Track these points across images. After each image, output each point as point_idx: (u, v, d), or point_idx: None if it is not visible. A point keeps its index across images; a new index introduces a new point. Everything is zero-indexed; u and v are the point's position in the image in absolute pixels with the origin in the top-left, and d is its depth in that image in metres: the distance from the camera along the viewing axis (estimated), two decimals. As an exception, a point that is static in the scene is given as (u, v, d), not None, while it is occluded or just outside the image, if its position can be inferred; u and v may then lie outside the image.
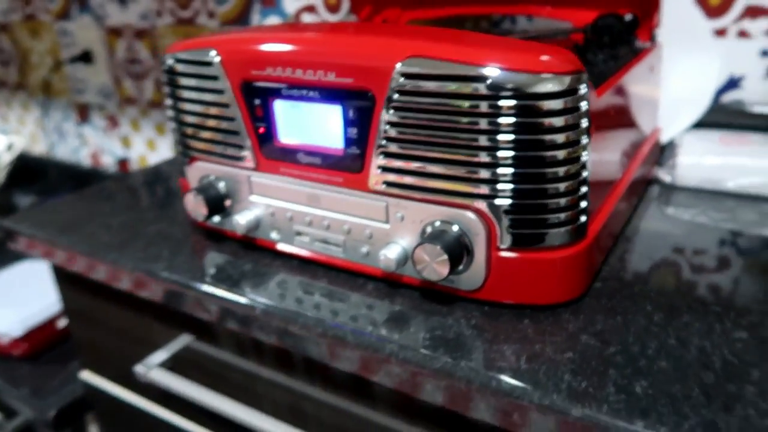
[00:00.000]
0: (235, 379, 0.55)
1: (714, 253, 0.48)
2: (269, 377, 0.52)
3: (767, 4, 0.64)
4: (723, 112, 0.69)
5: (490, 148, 0.37)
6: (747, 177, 0.58)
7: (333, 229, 0.46)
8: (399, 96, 0.38)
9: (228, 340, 0.53)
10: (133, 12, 1.15)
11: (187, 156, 0.52)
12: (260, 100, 0.45)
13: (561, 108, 0.36)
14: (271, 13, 0.98)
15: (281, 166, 0.46)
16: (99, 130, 1.36)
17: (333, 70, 0.40)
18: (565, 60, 0.36)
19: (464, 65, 0.36)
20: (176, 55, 0.49)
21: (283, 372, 0.51)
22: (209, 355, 0.56)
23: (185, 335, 0.57)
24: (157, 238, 0.55)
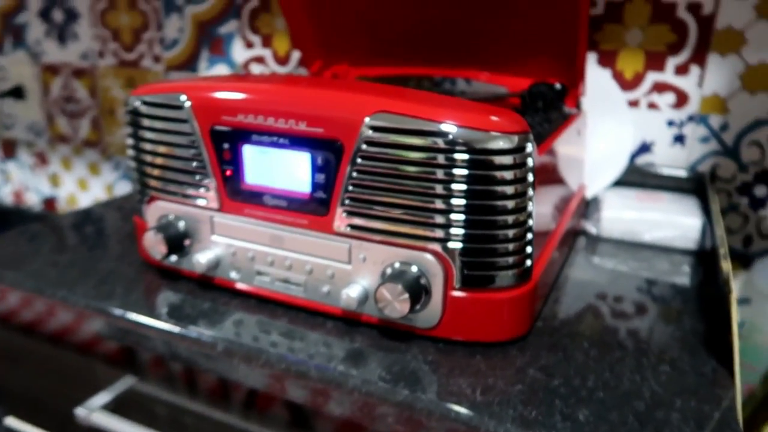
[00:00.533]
0: (185, 421, 0.54)
1: (634, 298, 0.54)
2: (221, 418, 0.52)
3: (671, 81, 0.74)
4: (638, 173, 0.77)
5: (445, 196, 0.41)
6: (660, 231, 0.66)
7: (295, 269, 0.48)
8: (366, 146, 0.42)
9: (178, 381, 0.53)
10: (73, 51, 1.14)
11: (146, 195, 0.53)
12: (229, 145, 0.47)
13: (510, 163, 0.40)
14: (219, 62, 1.00)
15: (246, 208, 0.48)
16: (25, 167, 1.31)
17: (304, 120, 0.43)
18: (514, 121, 0.41)
19: (425, 121, 0.40)
20: (143, 97, 0.50)
21: (237, 412, 0.51)
22: (156, 396, 0.55)
23: (129, 377, 0.56)
24: (110, 276, 0.54)
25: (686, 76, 0.73)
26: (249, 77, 0.49)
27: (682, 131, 0.75)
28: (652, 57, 0.74)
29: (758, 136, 0.72)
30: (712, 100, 0.73)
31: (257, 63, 0.97)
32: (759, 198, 0.74)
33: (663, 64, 0.74)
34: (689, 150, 0.76)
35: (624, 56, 0.75)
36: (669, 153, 0.77)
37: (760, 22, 0.69)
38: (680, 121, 0.75)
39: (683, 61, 0.73)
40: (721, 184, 0.75)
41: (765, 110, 0.71)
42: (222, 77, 0.50)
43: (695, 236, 0.65)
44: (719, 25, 0.70)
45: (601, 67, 0.77)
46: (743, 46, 0.70)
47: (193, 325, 0.46)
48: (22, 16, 1.17)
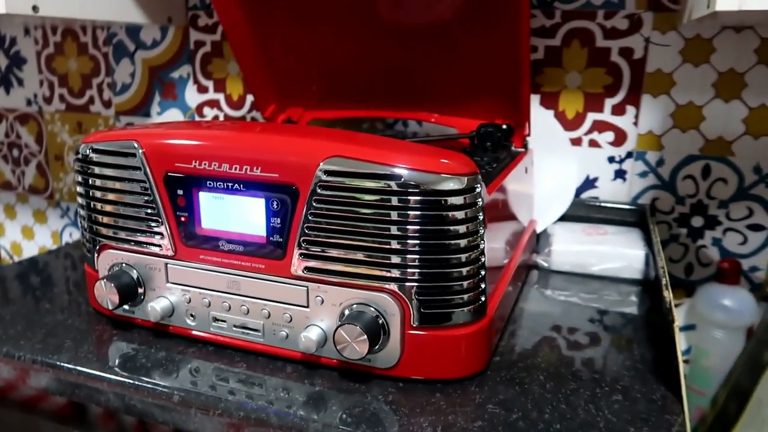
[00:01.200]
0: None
1: (587, 329, 0.56)
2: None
3: (610, 120, 0.78)
4: (584, 207, 0.81)
5: (399, 237, 0.42)
6: (607, 262, 0.69)
7: (252, 314, 0.47)
8: (321, 190, 0.42)
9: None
10: (18, 96, 1.12)
11: (96, 243, 0.52)
12: (183, 191, 0.47)
13: (461, 203, 0.42)
14: (171, 106, 1.00)
15: (201, 254, 0.48)
16: (-36, 217, 1.26)
17: (259, 165, 0.44)
18: (463, 162, 0.43)
19: (378, 165, 0.41)
20: (93, 145, 0.50)
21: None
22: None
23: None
24: (58, 328, 0.53)
25: (623, 116, 0.78)
26: (203, 123, 0.50)
27: (622, 167, 0.79)
28: (591, 98, 0.78)
29: (691, 171, 0.77)
30: (648, 137, 0.77)
31: (210, 107, 0.97)
32: (696, 228, 0.78)
33: (601, 105, 0.78)
34: (630, 184, 0.80)
35: (565, 97, 0.79)
36: (611, 187, 0.80)
37: (685, 65, 0.74)
38: (620, 158, 0.79)
39: (619, 102, 0.77)
40: (662, 215, 0.79)
41: (696, 146, 0.76)
42: (175, 123, 0.50)
43: (640, 266, 0.68)
44: (649, 68, 0.75)
45: (544, 107, 0.81)
46: (672, 87, 0.75)
47: (147, 376, 0.45)
48: (-36, 62, 1.14)
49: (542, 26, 0.78)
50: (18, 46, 1.09)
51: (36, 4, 0.69)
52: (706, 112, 0.74)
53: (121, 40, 1.00)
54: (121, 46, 1.00)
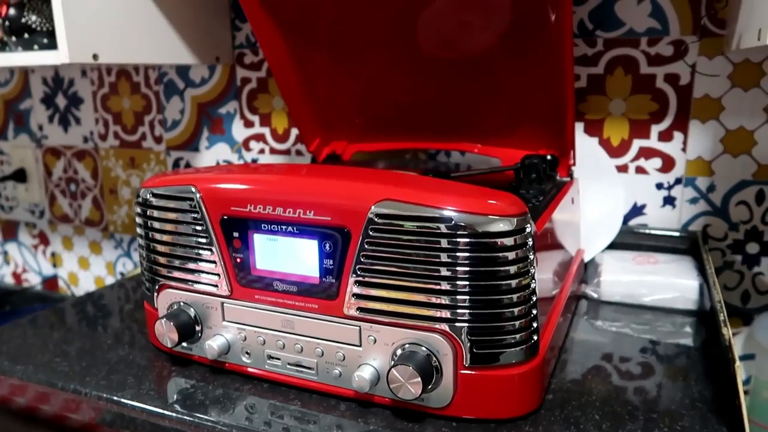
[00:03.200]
0: None
1: (640, 361, 0.55)
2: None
3: (657, 147, 0.77)
4: (632, 235, 0.79)
5: (450, 278, 0.42)
6: (659, 293, 0.67)
7: (306, 352, 0.48)
8: (373, 233, 0.43)
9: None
10: (76, 134, 1.17)
11: (156, 283, 0.54)
12: (238, 233, 0.48)
13: (512, 244, 0.42)
14: (219, 141, 1.04)
15: (256, 294, 0.49)
16: (25, 248, 1.32)
17: (312, 209, 0.45)
18: (513, 203, 0.43)
19: (428, 208, 0.42)
20: (153, 189, 0.52)
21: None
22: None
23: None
24: (120, 364, 0.55)
25: (670, 142, 0.77)
26: (256, 167, 0.51)
27: (671, 193, 0.78)
28: (637, 125, 0.78)
29: (744, 196, 0.75)
30: (697, 163, 0.76)
31: (256, 141, 1.00)
32: (752, 255, 0.76)
33: (647, 131, 0.77)
34: (680, 211, 0.78)
35: (609, 125, 0.79)
36: (661, 214, 0.79)
37: (734, 89, 0.72)
38: (668, 184, 0.78)
39: (666, 128, 0.76)
40: (714, 242, 0.77)
41: (748, 171, 0.74)
42: (230, 168, 0.52)
43: (694, 297, 0.66)
44: (696, 94, 0.74)
45: (589, 135, 0.80)
46: (721, 112, 0.74)
47: (206, 414, 0.46)
48: (26, 102, 1.21)
49: (584, 55, 0.78)
50: (75, 87, 1.14)
51: (96, 53, 0.73)
52: (757, 136, 0.73)
53: (172, 79, 1.04)
54: (171, 84, 1.05)
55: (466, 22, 0.68)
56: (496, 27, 0.66)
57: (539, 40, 0.65)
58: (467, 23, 0.68)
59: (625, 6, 0.75)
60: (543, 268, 0.50)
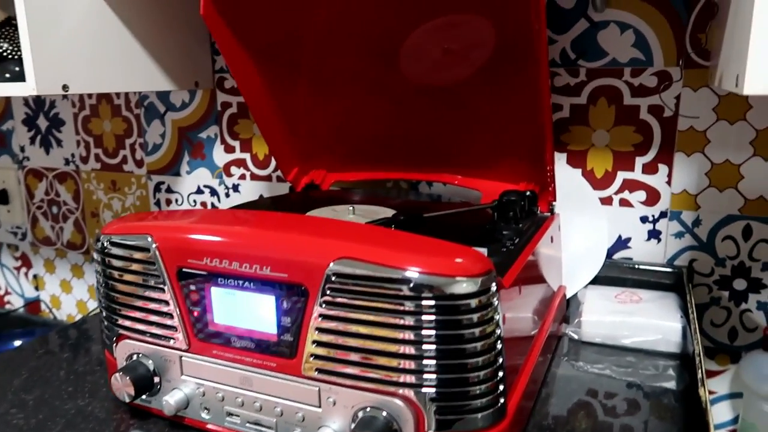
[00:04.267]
0: None
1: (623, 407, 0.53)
2: None
3: (641, 179, 0.75)
4: (617, 268, 0.77)
5: (412, 342, 0.40)
6: (642, 335, 0.65)
7: (265, 410, 0.46)
8: (331, 292, 0.41)
9: None
10: (57, 156, 1.16)
11: (114, 333, 0.52)
12: (195, 286, 0.46)
13: (476, 306, 0.40)
14: (200, 165, 1.02)
15: (214, 349, 0.47)
16: (8, 270, 1.30)
17: (268, 265, 0.43)
18: (477, 261, 0.41)
19: (389, 268, 0.40)
20: (111, 237, 0.50)
21: None
22: None
23: None
24: (77, 417, 0.53)
25: (655, 175, 0.75)
26: (217, 215, 0.50)
27: (656, 227, 0.76)
28: (620, 156, 0.76)
29: (731, 231, 0.73)
30: (682, 196, 0.74)
31: (237, 166, 0.99)
32: (739, 291, 0.74)
33: (632, 164, 0.75)
34: (665, 245, 0.76)
35: (593, 156, 0.77)
36: (646, 248, 0.77)
37: (720, 122, 0.71)
38: (653, 217, 0.76)
39: (650, 160, 0.75)
40: (701, 278, 0.75)
41: (735, 206, 0.72)
42: (190, 214, 0.51)
43: (677, 340, 0.64)
44: (681, 126, 0.72)
45: (572, 166, 0.78)
46: (707, 145, 0.72)
47: (159, 477, 0.44)
48: (8, 124, 1.20)
49: (567, 84, 0.76)
50: (57, 109, 1.13)
51: (66, 83, 0.71)
52: (744, 170, 0.71)
53: (152, 102, 1.03)
54: (152, 108, 1.03)
55: (449, 50, 0.67)
56: (478, 55, 0.64)
57: (516, 70, 0.63)
58: (450, 51, 0.67)
59: (608, 36, 0.73)
60: (518, 311, 0.48)
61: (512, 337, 0.47)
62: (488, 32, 0.62)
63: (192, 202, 1.04)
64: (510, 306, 0.46)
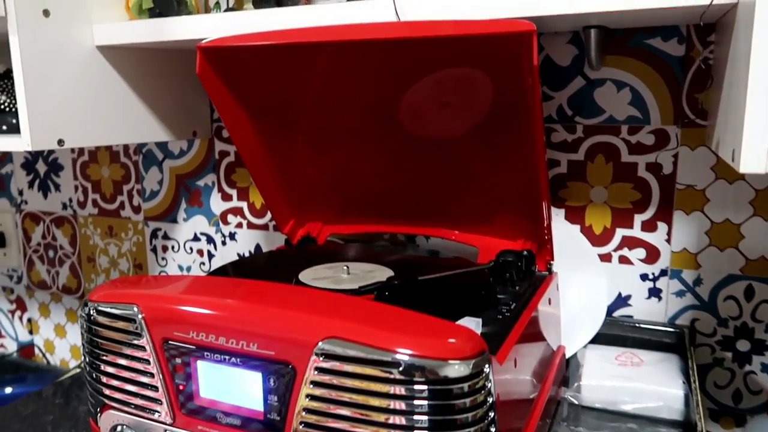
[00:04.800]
0: None
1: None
2: None
3: (640, 236, 0.74)
4: (617, 326, 0.76)
5: (403, 427, 0.39)
6: (643, 401, 0.63)
7: (250, 491, 0.45)
8: (318, 373, 0.40)
9: None
10: (55, 200, 1.15)
11: (98, 403, 0.51)
12: (181, 359, 0.45)
13: (468, 390, 0.39)
14: (197, 213, 1.01)
15: (199, 424, 0.46)
16: (2, 313, 1.29)
17: (255, 342, 0.42)
18: (469, 341, 0.40)
19: (379, 350, 0.39)
20: (98, 305, 0.49)
21: None
22: None
23: None
24: (56, 491, 0.51)
25: (654, 233, 0.74)
26: (207, 285, 0.49)
27: (656, 285, 0.75)
28: (619, 213, 0.75)
29: (733, 291, 0.71)
30: (683, 255, 0.73)
31: (234, 215, 0.98)
32: (743, 352, 0.72)
33: (630, 221, 0.75)
34: (666, 303, 0.75)
35: (591, 212, 0.76)
36: (646, 306, 0.76)
37: (719, 181, 0.70)
38: (653, 275, 0.75)
39: (649, 218, 0.74)
40: (703, 338, 0.74)
41: (736, 266, 0.71)
42: (181, 282, 0.50)
43: (679, 407, 0.62)
44: (680, 185, 0.72)
45: (570, 222, 0.77)
46: (706, 204, 0.71)
47: None
48: (7, 167, 1.20)
49: (564, 140, 0.76)
50: (56, 154, 1.13)
51: (62, 138, 0.71)
52: (744, 230, 0.70)
53: (151, 149, 1.03)
54: (150, 155, 1.03)
55: (447, 104, 0.66)
56: (476, 108, 0.64)
57: (513, 126, 0.63)
58: (448, 104, 0.66)
59: (605, 93, 0.73)
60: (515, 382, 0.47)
61: (510, 410, 0.46)
62: (486, 86, 0.62)
63: (188, 249, 1.03)
64: (505, 380, 0.45)
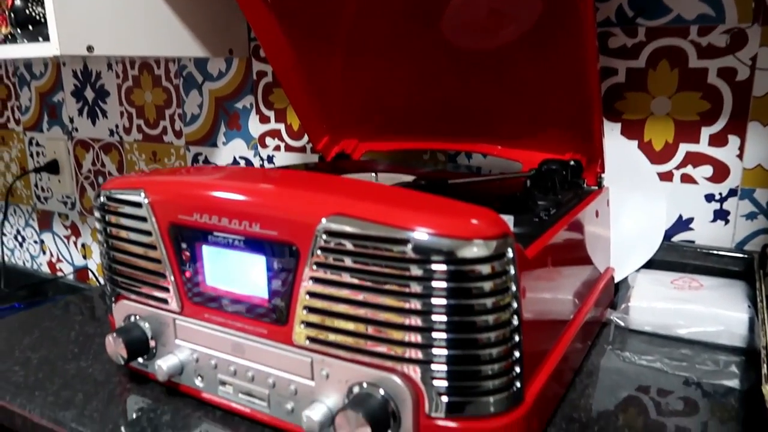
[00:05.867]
0: None
1: (676, 406, 0.46)
2: None
3: (707, 152, 0.66)
4: (676, 252, 0.69)
5: (414, 312, 0.35)
6: (700, 325, 0.57)
7: (258, 381, 0.42)
8: (322, 253, 0.37)
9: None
10: (103, 127, 1.17)
11: (114, 293, 0.50)
12: (186, 244, 0.43)
13: (488, 273, 0.35)
14: (236, 136, 1.00)
15: (206, 312, 0.44)
16: (59, 238, 1.33)
17: (257, 222, 0.39)
18: (492, 223, 0.36)
19: (390, 228, 0.35)
20: (109, 192, 0.48)
21: None
22: None
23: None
24: (75, 379, 0.51)
25: (724, 147, 0.66)
26: (212, 170, 0.46)
27: (723, 207, 0.67)
28: (684, 126, 0.67)
29: (814, 213, 0.63)
30: (756, 172, 0.65)
31: (272, 137, 0.96)
32: (820, 283, 0.64)
33: (696, 135, 0.67)
34: (734, 227, 0.67)
35: (651, 126, 0.69)
36: (711, 231, 0.68)
37: (805, 86, 0.61)
38: (720, 196, 0.67)
39: (719, 131, 0.66)
40: (774, 266, 0.66)
41: (819, 184, 0.62)
42: (184, 170, 0.47)
43: (743, 333, 0.56)
44: (757, 92, 0.63)
45: (627, 138, 0.70)
46: (788, 112, 0.62)
47: (143, 446, 0.41)
48: (58, 95, 1.22)
49: (623, 46, 0.68)
50: (102, 80, 1.14)
51: (91, 45, 0.69)
52: (832, 142, 0.61)
53: (191, 72, 1.01)
54: (190, 78, 1.02)
55: (495, 10, 0.60)
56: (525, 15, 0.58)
57: (558, 32, 0.56)
58: (496, 11, 0.60)
59: (673, -11, 0.65)
60: (546, 288, 0.42)
61: (537, 316, 0.41)
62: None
63: (228, 174, 1.02)
64: (534, 280, 0.40)
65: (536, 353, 0.41)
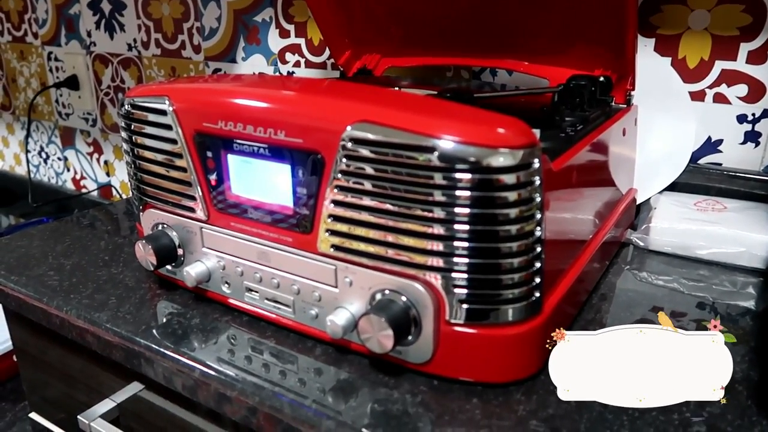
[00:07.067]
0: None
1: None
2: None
3: (744, 70, 0.64)
4: (701, 174, 0.68)
5: (438, 220, 0.35)
6: (720, 246, 0.57)
7: (283, 288, 0.44)
8: (347, 160, 0.37)
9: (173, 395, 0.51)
10: (120, 41, 1.15)
11: (141, 202, 0.51)
12: (212, 153, 0.43)
13: (513, 182, 0.34)
14: (255, 51, 0.97)
15: (232, 221, 0.45)
16: (82, 155, 1.35)
17: (282, 129, 0.39)
18: (519, 133, 0.35)
19: (416, 135, 0.34)
20: (133, 100, 0.47)
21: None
22: (156, 406, 0.53)
23: (135, 384, 0.55)
24: (108, 284, 0.53)
25: (762, 66, 0.63)
26: (236, 78, 0.45)
27: (755, 128, 0.65)
28: (721, 42, 0.64)
29: None
30: (794, 92, 0.62)
31: (292, 53, 0.93)
32: None
33: (734, 51, 0.64)
34: (764, 149, 0.65)
35: (687, 42, 0.66)
36: (739, 153, 0.67)
37: None
38: (753, 117, 0.65)
39: (758, 47, 0.63)
40: (802, 190, 0.65)
41: None
42: (210, 78, 0.47)
43: (763, 254, 0.56)
44: (805, 4, 0.60)
45: (660, 54, 0.67)
46: (835, 28, 0.59)
47: (175, 344, 0.44)
48: (75, 7, 1.19)
49: (664, -47, 0.64)
50: (118, -9, 1.11)
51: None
52: None
53: (208, -18, 0.98)
54: (208, -12, 0.98)
55: None
56: None
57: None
58: None
59: None
60: (569, 203, 0.42)
61: (559, 231, 0.41)
62: None
63: (248, 91, 1.01)
64: (558, 194, 0.40)
65: (555, 267, 0.42)
